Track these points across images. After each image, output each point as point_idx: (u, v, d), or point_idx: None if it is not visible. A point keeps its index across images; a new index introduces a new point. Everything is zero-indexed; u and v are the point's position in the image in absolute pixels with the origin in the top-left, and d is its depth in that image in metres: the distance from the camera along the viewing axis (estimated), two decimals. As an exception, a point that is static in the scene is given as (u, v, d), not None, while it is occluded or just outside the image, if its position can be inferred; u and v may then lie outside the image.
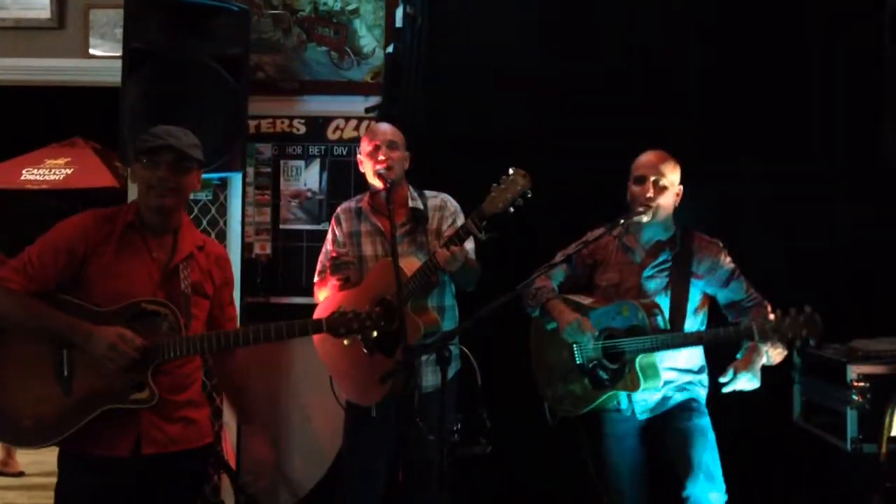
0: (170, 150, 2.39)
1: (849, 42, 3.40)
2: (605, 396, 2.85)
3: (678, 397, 2.90)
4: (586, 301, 2.97)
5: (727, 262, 2.90)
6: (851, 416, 2.87)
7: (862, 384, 2.86)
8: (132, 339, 2.32)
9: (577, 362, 2.92)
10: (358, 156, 3.14)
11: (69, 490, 2.41)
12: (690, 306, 2.86)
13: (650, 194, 2.83)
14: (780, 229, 3.19)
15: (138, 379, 2.35)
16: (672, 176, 2.88)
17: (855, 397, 2.86)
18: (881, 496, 2.76)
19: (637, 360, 2.76)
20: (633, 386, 2.78)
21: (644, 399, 2.89)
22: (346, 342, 2.45)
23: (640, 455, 2.95)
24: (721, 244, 2.94)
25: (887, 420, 2.76)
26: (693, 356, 2.91)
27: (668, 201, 2.87)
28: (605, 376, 2.84)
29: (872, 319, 3.19)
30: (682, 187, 2.92)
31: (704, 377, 2.95)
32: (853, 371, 2.89)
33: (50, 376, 2.37)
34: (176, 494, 2.49)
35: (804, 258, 3.00)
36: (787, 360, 3.21)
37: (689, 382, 2.91)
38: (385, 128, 3.13)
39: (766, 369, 2.93)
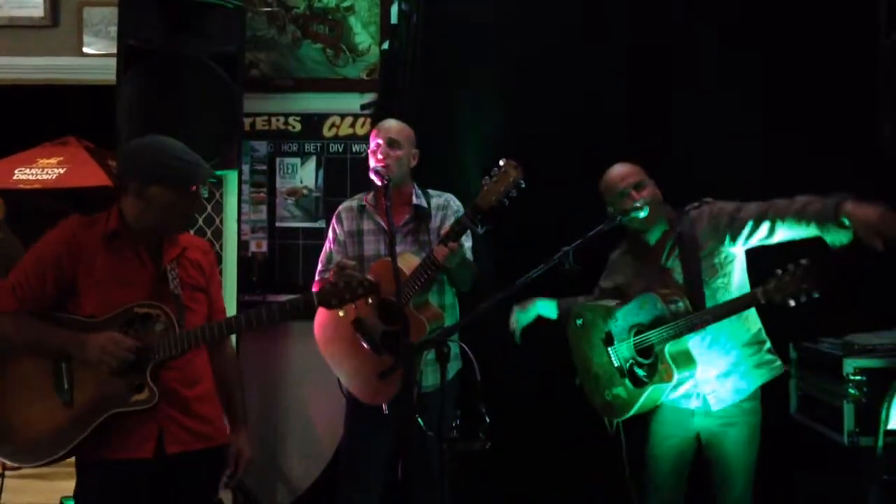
0: (201, 176, 2.44)
1: (845, 31, 3.40)
2: (647, 393, 2.81)
3: (736, 390, 2.85)
4: (612, 303, 2.97)
5: (721, 209, 2.82)
6: (848, 409, 2.88)
7: (858, 378, 2.86)
8: (122, 340, 2.32)
9: (616, 365, 2.91)
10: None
11: (91, 496, 2.39)
12: (720, 279, 2.81)
13: (639, 199, 2.84)
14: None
15: (137, 381, 2.34)
16: (644, 175, 2.90)
17: (851, 391, 2.86)
18: (878, 489, 2.77)
19: (665, 349, 2.74)
20: (668, 377, 2.74)
21: (703, 390, 2.85)
22: (340, 313, 2.45)
23: (685, 457, 2.93)
24: (710, 200, 2.88)
25: (884, 413, 2.76)
26: (741, 332, 2.84)
27: (656, 197, 2.88)
28: (641, 373, 2.82)
29: (869, 313, 3.20)
30: (652, 180, 2.92)
31: (761, 353, 2.88)
32: (850, 365, 2.90)
33: (51, 391, 2.36)
34: (196, 496, 2.47)
35: (800, 250, 3.00)
36: (783, 355, 3.25)
37: (756, 357, 2.86)
38: (389, 125, 3.11)
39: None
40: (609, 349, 2.93)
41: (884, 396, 2.76)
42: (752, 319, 2.89)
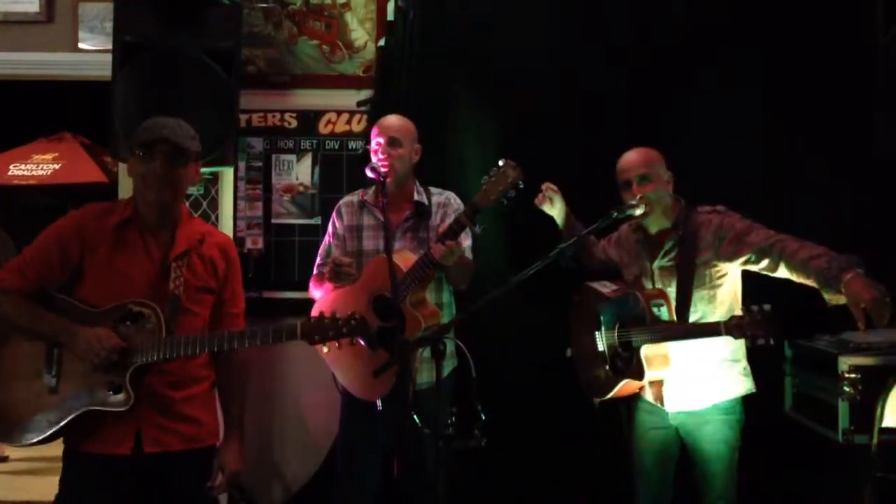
0: (165, 142, 2.36)
1: (841, 30, 3.40)
2: (621, 384, 2.88)
3: (716, 395, 2.87)
4: (606, 289, 3.01)
5: (731, 225, 2.81)
6: (843, 407, 2.88)
7: (853, 375, 2.86)
8: (107, 338, 2.30)
9: (599, 349, 2.97)
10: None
11: (70, 487, 2.39)
12: (704, 291, 2.83)
13: (640, 196, 2.84)
14: (771, 220, 3.19)
15: (117, 381, 2.32)
16: (654, 168, 2.89)
17: (846, 389, 2.86)
18: (872, 487, 2.77)
19: (641, 350, 2.79)
20: (639, 376, 2.80)
21: (673, 392, 2.88)
22: (324, 349, 2.38)
23: (669, 451, 2.95)
24: (722, 209, 2.88)
25: (878, 411, 2.76)
26: (730, 342, 2.83)
27: (659, 193, 2.87)
28: (620, 364, 2.88)
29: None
30: (670, 173, 2.92)
31: (743, 364, 2.92)
32: (844, 362, 2.90)
33: (40, 375, 2.36)
34: (178, 496, 2.43)
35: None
36: (778, 352, 3.25)
37: (728, 373, 2.88)
38: (389, 123, 3.09)
39: (756, 361, 2.96)
40: (596, 333, 2.99)
41: (878, 394, 2.77)
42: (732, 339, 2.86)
